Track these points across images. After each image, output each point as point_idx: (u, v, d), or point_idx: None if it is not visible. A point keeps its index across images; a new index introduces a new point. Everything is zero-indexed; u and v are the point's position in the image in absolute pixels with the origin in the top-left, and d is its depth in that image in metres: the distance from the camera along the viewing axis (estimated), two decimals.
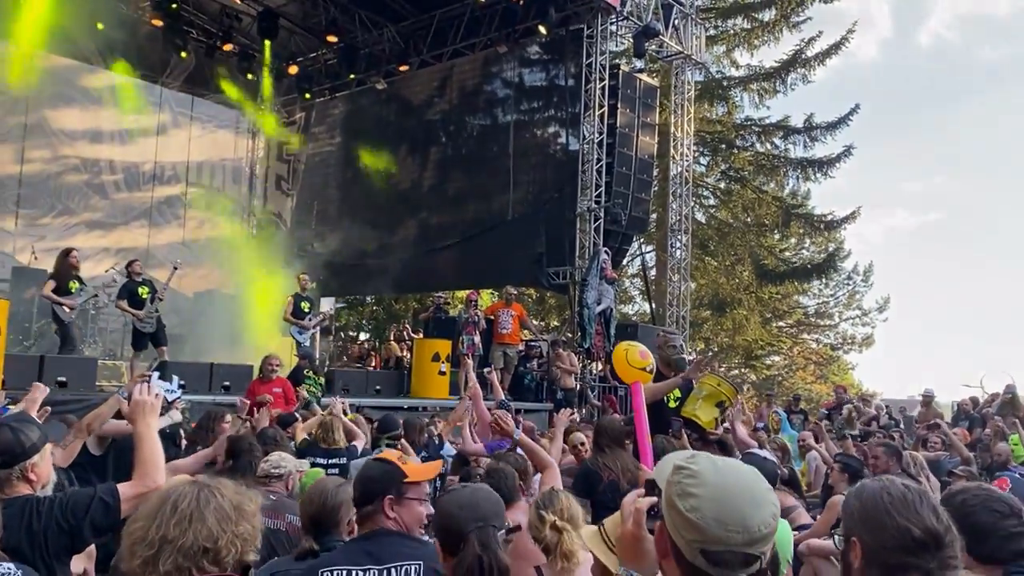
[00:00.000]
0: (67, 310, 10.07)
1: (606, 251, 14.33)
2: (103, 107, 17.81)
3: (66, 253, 10.47)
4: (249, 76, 18.89)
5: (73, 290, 10.17)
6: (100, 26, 15.73)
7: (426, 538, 2.56)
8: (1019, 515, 2.43)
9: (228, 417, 6.49)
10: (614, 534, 2.13)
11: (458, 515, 2.27)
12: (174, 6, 16.56)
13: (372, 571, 2.45)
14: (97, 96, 17.74)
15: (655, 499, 1.57)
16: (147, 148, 18.60)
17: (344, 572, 2.46)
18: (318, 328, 12.88)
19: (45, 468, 2.80)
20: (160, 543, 1.98)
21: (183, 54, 17.68)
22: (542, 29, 15.39)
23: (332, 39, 17.60)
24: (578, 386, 13.95)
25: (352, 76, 18.39)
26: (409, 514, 2.53)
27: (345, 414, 7.47)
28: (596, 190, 14.58)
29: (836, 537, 1.84)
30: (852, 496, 1.84)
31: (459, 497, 2.38)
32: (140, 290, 10.93)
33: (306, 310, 12.25)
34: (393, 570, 2.45)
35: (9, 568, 2.35)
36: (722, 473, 1.41)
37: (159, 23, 16.68)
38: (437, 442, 7.49)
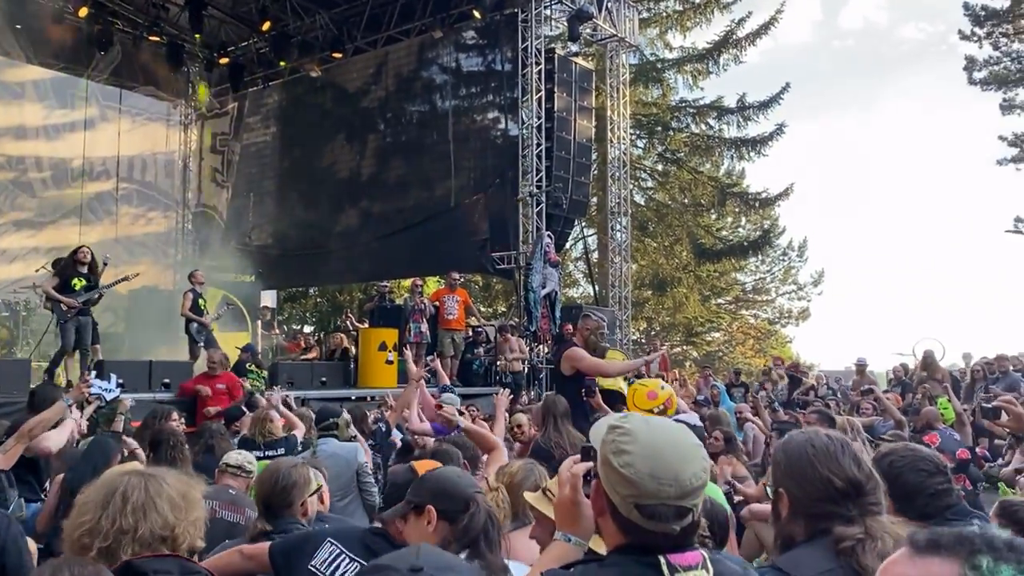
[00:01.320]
0: (64, 308, 9.49)
1: (549, 235, 14.45)
2: (27, 102, 17.23)
3: (75, 251, 9.92)
4: (173, 71, 18.49)
5: (77, 288, 9.60)
6: (20, 20, 15.18)
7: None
8: (944, 472, 2.56)
9: (175, 415, 6.41)
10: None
11: (458, 482, 2.34)
12: None
13: (356, 564, 2.48)
14: (20, 91, 17.14)
15: (591, 464, 1.63)
16: (75, 143, 18.03)
17: (338, 551, 2.51)
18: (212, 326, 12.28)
19: None
20: (116, 534, 2.00)
21: (102, 50, 17.13)
22: (476, 14, 15.35)
23: (264, 27, 17.26)
24: (526, 369, 14.08)
25: (285, 64, 18.09)
26: (417, 531, 2.47)
27: (289, 408, 7.43)
28: (537, 175, 14.66)
29: (767, 488, 1.93)
30: (779, 449, 1.93)
31: (450, 469, 2.49)
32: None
33: (202, 306, 11.82)
34: None
35: None
36: (654, 430, 1.48)
37: (83, 14, 16.11)
38: (384, 429, 7.49)
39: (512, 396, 8.44)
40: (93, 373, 9.13)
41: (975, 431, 8.53)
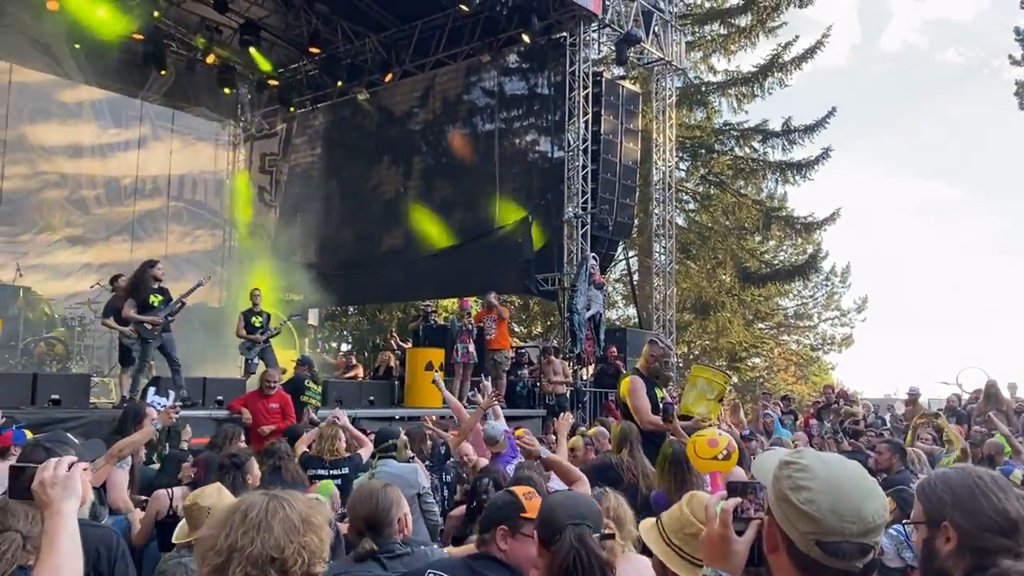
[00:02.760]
0: (148, 327, 9.48)
1: (594, 257, 14.43)
2: (82, 122, 17.66)
3: (150, 265, 9.86)
4: (227, 90, 18.83)
5: (155, 304, 9.57)
6: (78, 42, 15.61)
7: None
8: None
9: (242, 436, 6.47)
10: (671, 529, 2.16)
11: (557, 511, 2.32)
12: (156, 14, 16.35)
13: None
14: (77, 110, 17.58)
15: (739, 500, 1.60)
16: (128, 162, 18.43)
17: None
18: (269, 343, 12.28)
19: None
20: (229, 551, 2.01)
21: (163, 72, 17.52)
22: (525, 38, 15.46)
23: (314, 50, 17.56)
24: (568, 392, 14.02)
25: (334, 87, 18.35)
26: (521, 549, 2.52)
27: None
28: (583, 197, 14.66)
29: (905, 530, 1.89)
30: (938, 483, 1.89)
31: (559, 496, 2.46)
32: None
33: (257, 325, 11.82)
34: None
35: None
36: (831, 466, 1.46)
37: (139, 37, 16.53)
38: (443, 451, 7.48)
39: (574, 421, 8.41)
40: (152, 390, 9.30)
41: None
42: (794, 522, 1.42)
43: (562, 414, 6.33)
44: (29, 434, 4.56)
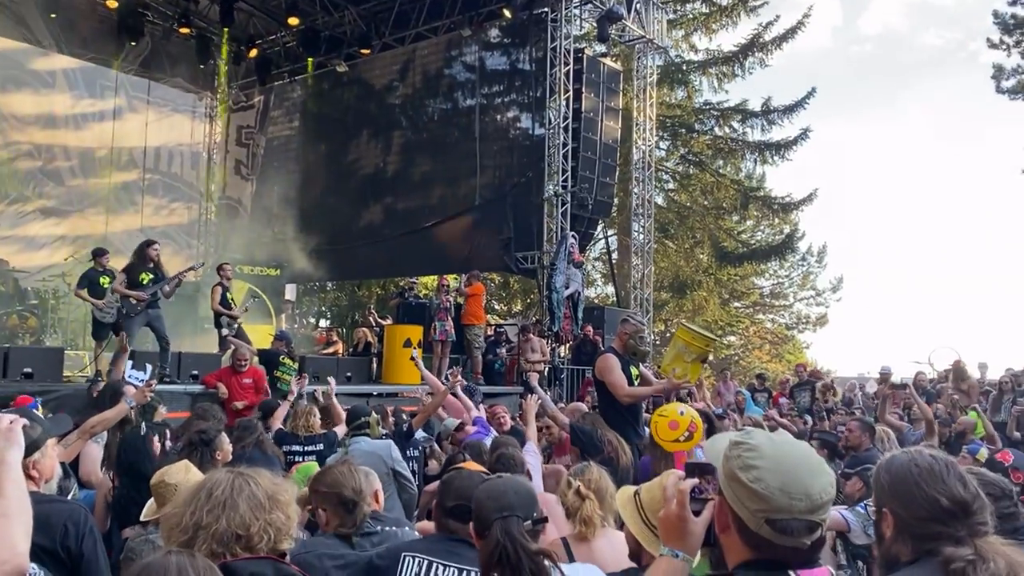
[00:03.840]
0: (133, 302, 9.61)
1: (573, 235, 14.42)
2: (56, 91, 17.36)
3: (146, 244, 9.98)
4: (201, 65, 18.55)
5: (144, 282, 9.68)
6: (52, 10, 15.33)
7: None
8: (1011, 496, 2.56)
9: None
10: (650, 507, 2.19)
11: (486, 504, 2.30)
12: None
13: (452, 569, 2.50)
14: (50, 80, 17.27)
15: (696, 481, 1.63)
16: (103, 133, 18.16)
17: (426, 562, 2.51)
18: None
19: (48, 464, 2.79)
20: (194, 529, 2.02)
21: (133, 43, 17.22)
22: (506, 12, 15.33)
23: (293, 22, 17.33)
24: (546, 369, 14.08)
25: (312, 59, 18.14)
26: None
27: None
28: (563, 175, 14.64)
29: (868, 508, 1.93)
30: (882, 469, 1.92)
31: (490, 487, 2.40)
32: (101, 280, 10.61)
33: (230, 299, 11.62)
34: (472, 572, 2.47)
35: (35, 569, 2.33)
36: (779, 445, 1.49)
37: (114, 5, 16.23)
38: (406, 428, 7.50)
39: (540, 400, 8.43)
40: (130, 363, 9.24)
41: (1009, 445, 8.43)
42: (744, 501, 1.45)
43: (529, 396, 6.28)
44: (41, 411, 4.57)
